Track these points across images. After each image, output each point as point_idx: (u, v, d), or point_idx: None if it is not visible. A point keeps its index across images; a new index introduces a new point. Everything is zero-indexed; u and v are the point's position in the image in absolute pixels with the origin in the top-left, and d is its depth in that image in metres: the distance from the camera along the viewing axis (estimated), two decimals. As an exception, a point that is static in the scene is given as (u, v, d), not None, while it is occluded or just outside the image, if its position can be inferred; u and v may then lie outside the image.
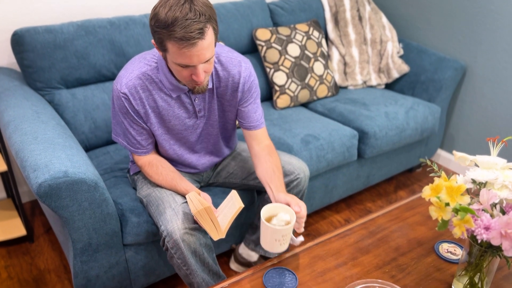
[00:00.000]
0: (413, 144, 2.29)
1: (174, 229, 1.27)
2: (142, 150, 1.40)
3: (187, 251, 1.29)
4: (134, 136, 1.36)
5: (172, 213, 1.30)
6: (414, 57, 2.41)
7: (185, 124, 1.39)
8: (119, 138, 1.41)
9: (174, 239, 1.27)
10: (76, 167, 1.26)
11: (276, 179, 1.33)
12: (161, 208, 1.34)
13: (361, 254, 1.24)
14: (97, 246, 1.39)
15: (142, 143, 1.38)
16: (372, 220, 1.39)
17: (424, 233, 1.33)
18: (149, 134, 1.39)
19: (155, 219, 1.36)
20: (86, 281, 1.42)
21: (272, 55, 2.14)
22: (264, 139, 1.45)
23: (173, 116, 1.36)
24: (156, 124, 1.36)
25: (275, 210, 1.17)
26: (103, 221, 1.35)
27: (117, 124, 1.39)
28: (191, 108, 1.37)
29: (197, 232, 1.32)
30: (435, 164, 1.04)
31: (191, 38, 1.09)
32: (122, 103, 1.30)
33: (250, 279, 1.15)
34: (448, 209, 0.92)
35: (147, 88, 1.29)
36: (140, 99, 1.30)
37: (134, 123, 1.34)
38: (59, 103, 1.73)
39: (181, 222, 1.28)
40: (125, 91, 1.27)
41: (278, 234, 1.09)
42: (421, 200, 1.50)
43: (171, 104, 1.34)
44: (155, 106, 1.33)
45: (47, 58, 1.68)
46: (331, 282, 1.14)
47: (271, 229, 1.09)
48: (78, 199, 1.27)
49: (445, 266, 1.21)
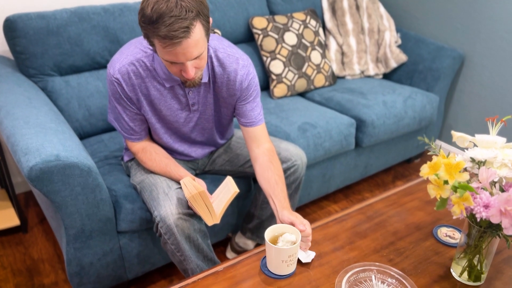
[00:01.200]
0: (411, 134, 2.27)
1: (167, 214, 1.25)
2: (136, 136, 1.38)
3: (180, 237, 1.27)
4: (127, 122, 1.34)
5: (166, 198, 1.28)
6: (412, 47, 2.39)
7: (177, 115, 1.36)
8: (114, 122, 1.38)
9: (167, 224, 1.25)
10: (69, 151, 1.24)
11: (279, 192, 1.26)
12: (155, 194, 1.31)
13: (358, 238, 1.22)
14: (90, 232, 1.36)
15: (136, 129, 1.36)
16: (369, 205, 1.38)
17: (423, 217, 1.31)
18: (143, 121, 1.37)
19: (148, 205, 1.33)
20: (79, 269, 1.40)
21: (269, 44, 2.12)
22: (264, 140, 1.38)
23: (165, 106, 1.33)
24: (149, 112, 1.34)
25: (280, 230, 1.12)
26: (96, 207, 1.33)
27: (112, 111, 1.37)
28: (184, 101, 1.34)
29: (191, 218, 1.30)
30: (433, 142, 1.02)
31: (174, 37, 1.03)
32: (115, 88, 1.27)
33: (246, 263, 1.13)
34: (446, 187, 0.91)
35: (140, 75, 1.26)
36: (133, 86, 1.27)
37: (127, 109, 1.32)
38: (53, 90, 1.71)
39: (175, 207, 1.26)
40: (117, 76, 1.24)
41: (284, 254, 1.04)
42: (420, 185, 1.48)
43: (163, 94, 1.30)
44: (147, 94, 1.29)
45: (40, 44, 1.66)
46: (328, 265, 1.12)
47: (275, 249, 1.04)
48: (71, 184, 1.25)
49: (443, 249, 1.19)
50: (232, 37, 2.15)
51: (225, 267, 1.12)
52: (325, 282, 1.07)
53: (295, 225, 1.13)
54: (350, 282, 1.06)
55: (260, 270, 1.10)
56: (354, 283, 1.06)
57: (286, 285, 1.06)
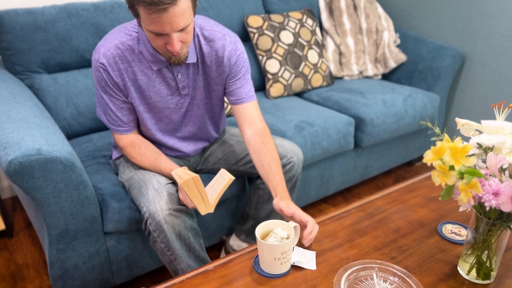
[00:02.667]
0: (411, 135, 2.20)
1: (156, 210, 1.18)
2: (124, 128, 1.31)
3: (170, 234, 1.19)
4: (115, 111, 1.28)
5: (155, 194, 1.21)
6: (411, 46, 2.34)
7: (167, 102, 1.30)
8: (102, 115, 1.33)
9: (156, 220, 1.18)
10: (51, 145, 1.17)
11: (273, 176, 1.21)
12: (144, 190, 1.25)
13: (358, 236, 1.15)
14: (74, 233, 1.29)
15: (124, 119, 1.30)
16: (369, 202, 1.30)
17: (426, 214, 1.24)
18: (131, 110, 1.31)
19: (137, 202, 1.26)
20: (63, 272, 1.32)
21: (265, 42, 2.07)
22: (256, 119, 1.32)
23: (154, 92, 1.27)
24: (137, 100, 1.28)
25: (271, 226, 1.05)
26: (81, 205, 1.26)
27: (99, 103, 1.31)
28: (173, 84, 1.28)
29: (182, 214, 1.22)
30: (436, 126, 0.95)
31: (161, 3, 0.99)
32: (101, 75, 1.22)
33: (238, 262, 1.06)
34: (452, 173, 0.84)
35: (126, 59, 1.21)
36: (119, 71, 1.22)
37: (113, 97, 1.26)
38: (40, 88, 1.65)
39: (165, 203, 1.19)
40: (103, 61, 1.20)
41: (276, 251, 0.97)
42: (422, 182, 1.41)
43: (151, 79, 1.25)
44: (134, 79, 1.24)
45: (27, 40, 1.60)
46: (326, 264, 1.05)
47: (267, 246, 0.97)
48: (53, 180, 1.18)
49: (449, 247, 1.11)
50: (227, 36, 2.09)
51: (215, 266, 1.05)
52: (322, 281, 1.00)
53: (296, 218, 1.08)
54: (350, 280, 0.98)
55: (252, 269, 1.03)
56: (354, 282, 0.98)
57: (279, 285, 0.98)
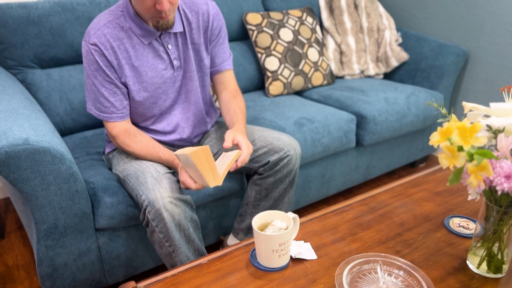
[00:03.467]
0: (415, 135, 2.15)
1: (156, 198, 1.14)
2: (117, 115, 1.27)
3: (170, 223, 1.15)
4: (107, 97, 1.25)
5: (154, 182, 1.18)
6: (413, 45, 2.30)
7: (162, 76, 1.30)
8: (92, 108, 1.28)
9: (156, 208, 1.14)
10: (40, 136, 1.13)
11: (237, 118, 1.33)
12: (142, 179, 1.21)
13: (361, 230, 1.09)
14: (64, 229, 1.23)
15: (116, 105, 1.26)
16: (372, 196, 1.25)
17: (432, 208, 1.18)
18: (124, 96, 1.28)
19: (135, 192, 1.21)
20: (52, 270, 1.26)
21: (264, 40, 2.03)
22: (231, 83, 1.45)
23: (149, 67, 1.27)
24: (132, 79, 1.26)
25: (269, 218, 0.99)
26: (70, 199, 1.21)
27: (89, 93, 1.27)
28: (166, 57, 1.29)
29: (182, 204, 1.18)
30: (443, 107, 0.90)
31: None
32: (92, 58, 1.21)
33: (234, 255, 1.00)
34: (461, 154, 0.78)
35: (117, 36, 1.22)
36: (112, 48, 1.22)
37: (106, 81, 1.23)
38: (32, 83, 1.61)
39: (165, 190, 1.16)
40: (94, 41, 1.19)
41: (273, 243, 0.91)
42: (427, 177, 1.36)
43: (144, 54, 1.26)
44: (127, 56, 1.24)
45: (20, 34, 1.56)
46: (327, 257, 0.99)
47: (264, 237, 0.91)
48: (41, 172, 1.13)
49: (457, 241, 1.05)
50: (225, 34, 2.06)
51: (210, 259, 0.99)
52: (323, 275, 0.94)
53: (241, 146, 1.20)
54: (353, 274, 0.92)
55: (249, 263, 0.97)
56: (357, 275, 0.92)
57: (277, 278, 0.92)
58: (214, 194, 1.46)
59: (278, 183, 1.40)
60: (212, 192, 1.45)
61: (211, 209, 1.53)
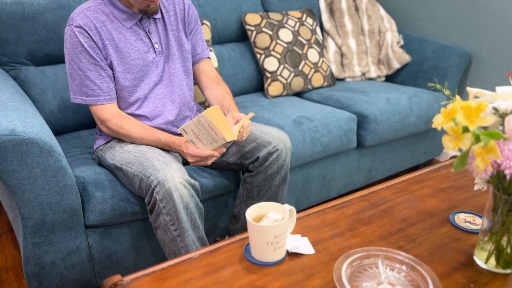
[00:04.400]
0: (418, 137, 2.10)
1: (167, 177, 1.12)
2: (103, 97, 1.26)
3: (179, 204, 1.12)
4: (93, 79, 1.25)
5: (163, 164, 1.16)
6: (415, 46, 2.26)
7: (145, 59, 1.32)
8: (77, 96, 1.26)
9: (166, 188, 1.11)
10: (28, 127, 1.09)
11: (226, 102, 1.39)
12: (147, 163, 1.18)
13: (361, 225, 1.04)
14: (52, 225, 1.18)
15: (103, 87, 1.26)
16: (373, 192, 1.20)
17: (436, 204, 1.13)
18: (110, 78, 1.28)
19: (139, 176, 1.18)
20: (38, 269, 1.21)
21: (263, 40, 2.00)
22: (211, 71, 1.50)
23: (132, 49, 1.29)
24: (116, 60, 1.27)
25: (264, 209, 0.94)
26: (59, 194, 1.16)
27: (73, 79, 1.26)
28: (147, 41, 1.32)
29: (191, 188, 1.16)
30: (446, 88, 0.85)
31: None
32: (77, 40, 1.22)
33: (227, 249, 0.94)
34: (466, 135, 0.73)
35: (100, 19, 1.25)
36: (96, 29, 1.24)
37: (91, 63, 1.24)
38: (25, 79, 1.57)
39: (175, 171, 1.14)
40: (79, 22, 1.22)
41: (268, 234, 0.86)
42: (430, 174, 1.30)
43: (126, 36, 1.28)
44: (110, 38, 1.26)
45: (13, 29, 1.54)
46: (325, 252, 0.94)
47: (258, 228, 0.86)
48: (28, 164, 1.08)
49: (463, 236, 1.00)
50: (224, 34, 2.03)
51: (201, 253, 0.94)
52: (321, 269, 0.88)
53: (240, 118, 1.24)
54: (352, 268, 0.87)
55: (242, 257, 0.92)
56: (357, 270, 0.87)
57: (273, 273, 0.87)
58: (210, 191, 1.41)
59: (270, 180, 1.36)
60: (207, 189, 1.40)
61: (206, 209, 1.48)
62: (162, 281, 0.84)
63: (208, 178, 1.41)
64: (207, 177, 1.41)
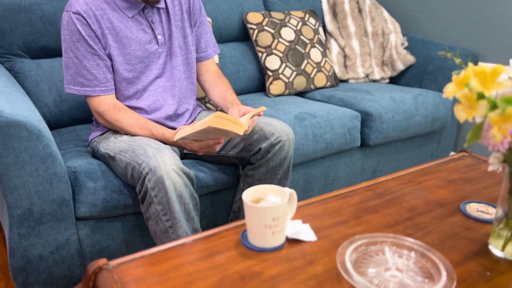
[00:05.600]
0: (424, 139, 2.04)
1: (159, 164, 1.05)
2: (100, 88, 1.20)
3: (172, 192, 1.05)
4: (89, 69, 1.19)
5: (156, 151, 1.10)
6: (420, 48, 2.22)
7: (146, 50, 1.26)
8: (71, 86, 1.21)
9: (158, 175, 1.05)
10: (16, 110, 1.04)
11: (229, 96, 1.36)
12: (140, 151, 1.12)
13: (366, 214, 0.98)
14: (40, 216, 1.12)
15: (99, 77, 1.20)
16: (379, 183, 1.13)
17: (446, 195, 1.07)
18: (108, 68, 1.22)
19: (131, 164, 1.12)
20: (25, 262, 1.14)
21: (264, 39, 1.96)
22: (213, 66, 1.47)
23: (133, 39, 1.24)
24: (115, 49, 1.22)
25: (263, 192, 0.88)
26: (48, 182, 1.10)
27: (69, 68, 1.21)
28: (150, 32, 1.27)
29: (185, 176, 1.10)
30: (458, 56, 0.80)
31: None
32: (74, 27, 1.16)
33: (222, 235, 0.88)
34: (481, 103, 0.68)
35: (100, 7, 1.19)
36: (95, 17, 1.18)
37: (88, 52, 1.18)
38: (20, 71, 1.53)
39: (167, 158, 1.07)
40: (77, 9, 1.16)
41: (267, 216, 0.80)
42: (438, 167, 1.24)
43: (127, 26, 1.23)
44: (111, 27, 1.20)
45: (9, 20, 1.50)
46: (328, 239, 0.87)
47: (255, 210, 0.80)
48: (16, 149, 1.03)
49: (476, 225, 0.93)
50: (225, 33, 2.00)
51: (195, 239, 0.87)
52: (324, 256, 0.82)
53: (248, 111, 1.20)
54: (358, 254, 0.80)
55: (239, 243, 0.85)
56: (362, 257, 0.80)
57: (271, 258, 0.80)
58: (208, 186, 1.35)
59: (272, 174, 1.30)
60: (205, 184, 1.34)
61: (204, 206, 1.41)
62: (151, 266, 0.78)
63: (206, 172, 1.35)
64: (204, 171, 1.35)
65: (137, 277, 0.75)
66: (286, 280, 0.74)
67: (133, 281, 0.74)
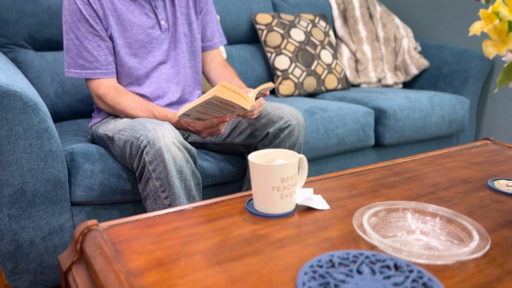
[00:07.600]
0: (440, 142, 1.95)
1: (158, 136, 0.99)
2: (101, 70, 1.15)
3: (171, 166, 0.98)
4: (90, 50, 1.14)
5: (155, 126, 1.03)
6: (434, 52, 2.17)
7: (148, 35, 1.21)
8: (71, 69, 1.16)
9: (156, 148, 0.98)
10: (12, 81, 0.99)
11: (236, 82, 1.30)
12: (139, 127, 1.06)
13: (384, 188, 0.89)
14: (33, 196, 1.05)
15: (100, 59, 1.14)
16: (397, 163, 1.05)
17: (470, 174, 0.98)
18: (109, 50, 1.17)
19: (130, 141, 1.06)
20: (14, 247, 1.06)
21: (274, 39, 1.92)
22: (218, 55, 1.43)
23: (134, 23, 1.19)
24: (117, 32, 1.16)
25: (270, 157, 0.80)
26: (43, 160, 1.04)
27: (69, 50, 1.16)
28: (153, 17, 1.22)
29: (186, 151, 1.02)
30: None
31: None
32: (75, 7, 1.12)
33: (226, 204, 0.80)
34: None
35: None
36: None
37: (90, 33, 1.13)
38: (23, 61, 1.50)
39: (167, 131, 1.01)
40: None
41: (275, 176, 0.71)
42: (461, 152, 1.15)
43: (130, 9, 1.18)
44: (112, 8, 1.16)
45: (15, 10, 1.48)
46: (342, 209, 0.79)
47: (263, 168, 0.71)
48: (9, 120, 0.97)
49: (506, 199, 0.84)
50: (234, 34, 1.97)
51: (194, 206, 0.79)
52: (338, 222, 0.73)
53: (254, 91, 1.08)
54: (377, 220, 0.72)
55: (243, 210, 0.77)
56: (382, 222, 0.72)
57: (279, 224, 0.72)
58: (213, 176, 1.28)
59: None
60: (209, 174, 1.27)
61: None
62: (146, 228, 0.70)
63: (211, 161, 1.28)
64: (209, 160, 1.28)
65: (130, 238, 0.67)
66: (296, 243, 0.66)
67: (125, 241, 0.66)
